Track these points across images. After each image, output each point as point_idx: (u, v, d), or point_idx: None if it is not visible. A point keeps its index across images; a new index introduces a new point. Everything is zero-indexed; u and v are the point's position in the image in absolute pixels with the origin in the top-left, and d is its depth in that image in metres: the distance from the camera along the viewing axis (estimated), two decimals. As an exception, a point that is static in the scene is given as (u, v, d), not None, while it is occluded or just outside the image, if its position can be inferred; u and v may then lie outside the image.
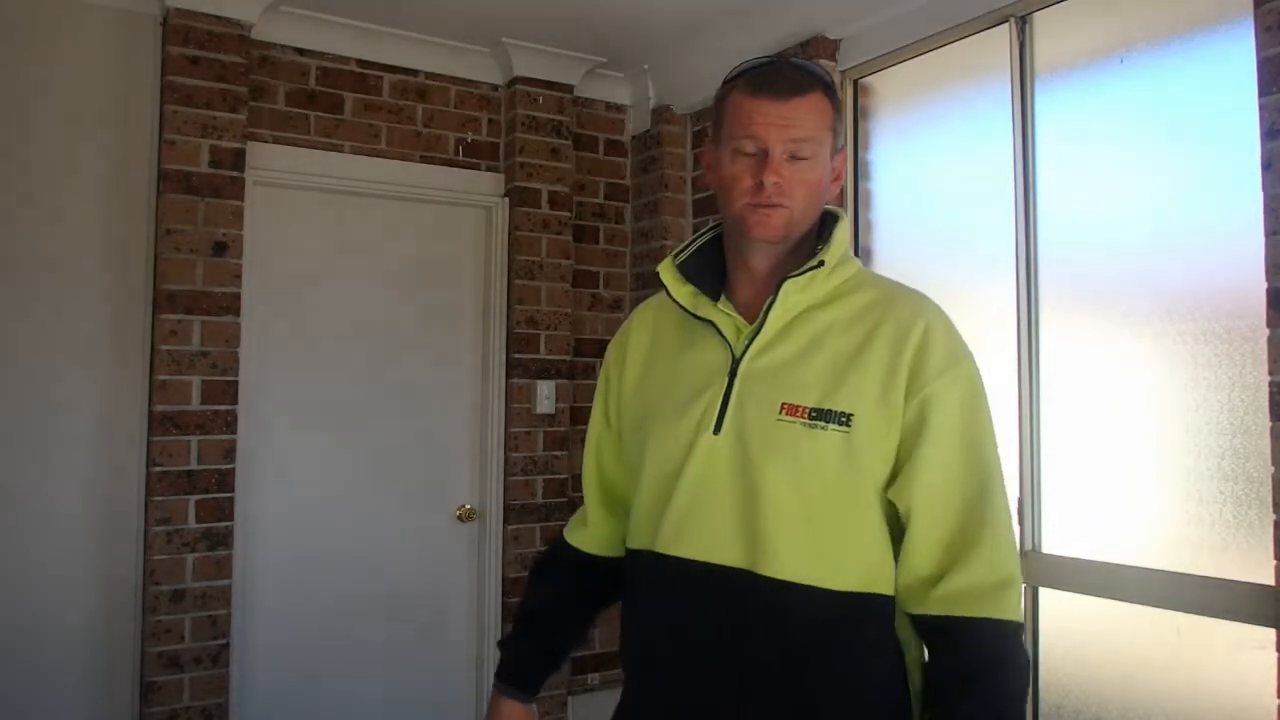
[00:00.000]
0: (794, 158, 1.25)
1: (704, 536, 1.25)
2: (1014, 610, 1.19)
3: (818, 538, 1.21)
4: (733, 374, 1.28)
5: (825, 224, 1.33)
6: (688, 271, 1.36)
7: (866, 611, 1.22)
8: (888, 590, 1.23)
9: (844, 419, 1.21)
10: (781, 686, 1.21)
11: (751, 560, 1.22)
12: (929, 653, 1.23)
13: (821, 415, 1.21)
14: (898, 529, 1.24)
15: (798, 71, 1.28)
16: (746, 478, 1.23)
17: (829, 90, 1.29)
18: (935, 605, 1.20)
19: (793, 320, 1.28)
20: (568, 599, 1.51)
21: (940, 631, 1.20)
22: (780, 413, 1.23)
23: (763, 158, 1.25)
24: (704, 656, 1.25)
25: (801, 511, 1.21)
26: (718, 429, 1.26)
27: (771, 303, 1.27)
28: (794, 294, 1.27)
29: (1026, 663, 1.20)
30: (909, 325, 1.24)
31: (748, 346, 1.28)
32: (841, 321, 1.27)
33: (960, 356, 1.25)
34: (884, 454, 1.21)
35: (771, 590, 1.21)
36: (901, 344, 1.23)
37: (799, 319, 1.28)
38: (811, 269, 1.27)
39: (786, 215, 1.26)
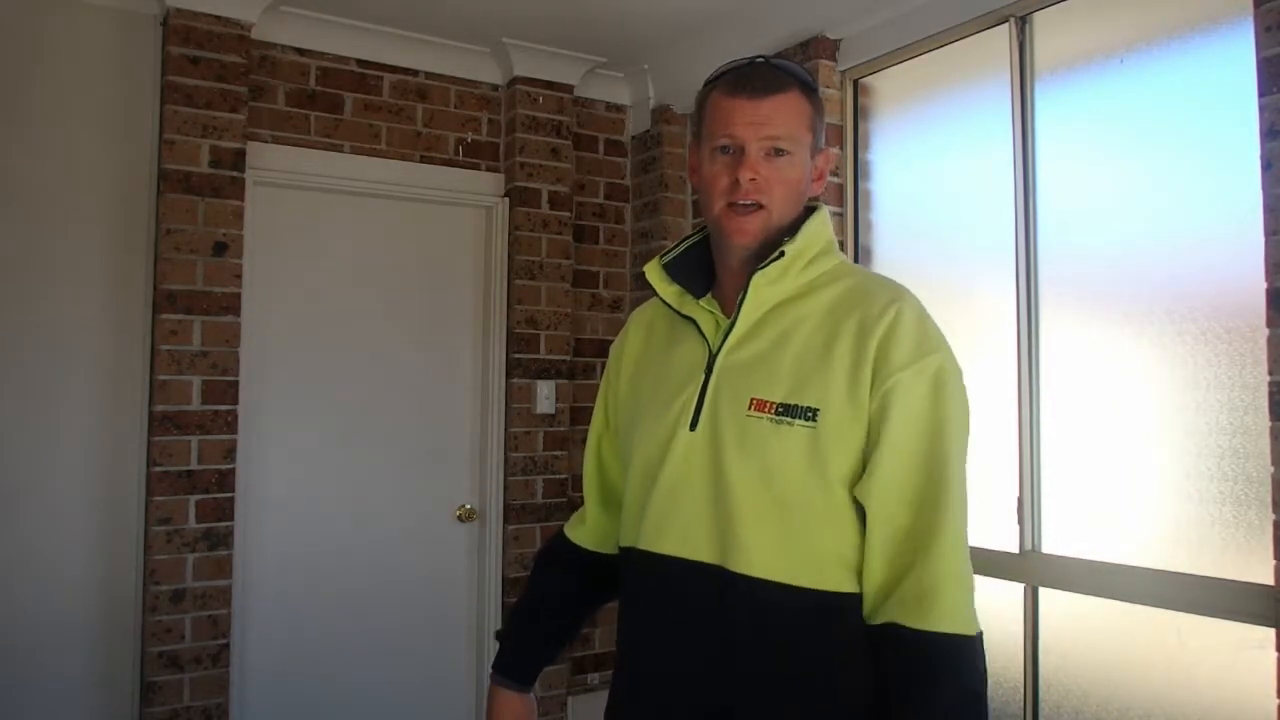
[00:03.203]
0: (771, 155, 1.25)
1: (681, 533, 1.26)
2: (963, 620, 1.16)
3: (788, 534, 1.21)
4: (709, 370, 1.29)
5: (803, 218, 1.33)
6: (675, 271, 1.37)
7: (843, 610, 1.21)
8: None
9: (810, 414, 1.20)
10: (760, 683, 1.21)
11: (723, 556, 1.23)
12: (880, 660, 1.20)
13: (788, 410, 1.21)
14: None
15: (774, 71, 1.29)
16: (718, 474, 1.24)
17: (807, 89, 1.29)
18: (885, 614, 1.18)
19: (767, 314, 1.28)
20: (566, 593, 1.52)
21: (891, 639, 1.17)
22: (750, 408, 1.23)
23: (739, 156, 1.25)
24: (685, 652, 1.25)
25: (771, 508, 1.21)
26: (694, 425, 1.27)
27: (743, 297, 1.28)
28: (764, 287, 1.27)
29: (982, 673, 1.17)
30: (878, 316, 1.22)
31: (723, 342, 1.29)
32: (815, 315, 1.27)
33: (930, 347, 1.22)
34: (851, 450, 1.20)
35: (743, 586, 1.21)
36: (868, 336, 1.21)
37: (773, 312, 1.28)
38: (775, 260, 1.26)
39: (764, 217, 1.26)
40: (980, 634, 1.18)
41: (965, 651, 1.16)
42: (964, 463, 1.22)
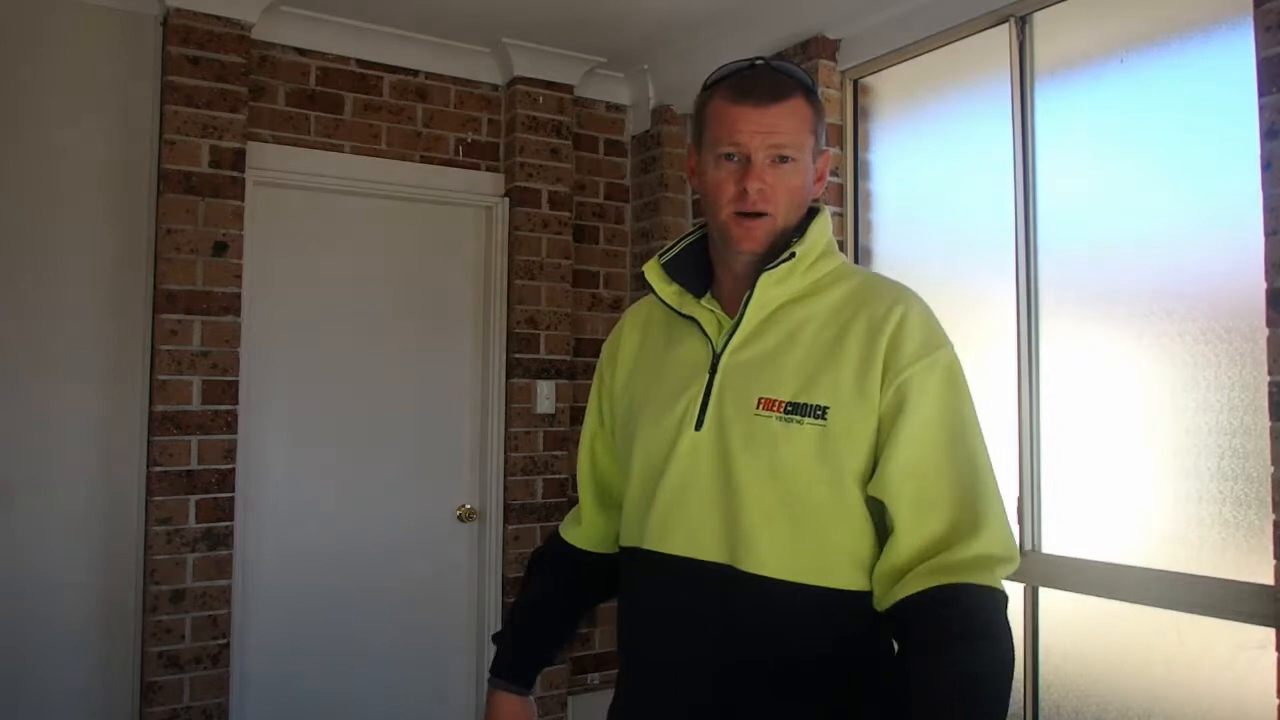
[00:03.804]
0: (776, 162, 1.25)
1: (688, 532, 1.26)
2: (1001, 583, 1.17)
3: (799, 533, 1.20)
4: (714, 369, 1.29)
5: (807, 219, 1.33)
6: (673, 270, 1.37)
7: (854, 609, 1.21)
8: None
9: (820, 412, 1.20)
10: (765, 682, 1.21)
11: (732, 555, 1.22)
12: (905, 631, 1.18)
13: (797, 409, 1.21)
14: (884, 527, 1.22)
15: (778, 76, 1.28)
16: (726, 473, 1.24)
17: (809, 93, 1.29)
18: (918, 582, 1.16)
19: (772, 314, 1.29)
20: (561, 594, 1.52)
21: (920, 606, 1.15)
22: (757, 407, 1.23)
23: (745, 164, 1.25)
24: (690, 652, 1.25)
25: (781, 507, 1.21)
26: (699, 425, 1.27)
27: (749, 297, 1.28)
28: (770, 287, 1.27)
29: (1012, 640, 1.17)
30: (885, 315, 1.23)
31: (728, 341, 1.29)
32: (820, 314, 1.27)
33: (937, 343, 1.23)
34: (862, 446, 1.20)
35: (752, 586, 1.20)
36: (877, 333, 1.22)
37: (778, 312, 1.28)
38: (784, 261, 1.27)
39: (770, 224, 1.27)
40: (1008, 597, 1.18)
41: (1005, 609, 1.16)
42: (986, 448, 1.23)
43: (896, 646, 1.21)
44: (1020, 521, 2.49)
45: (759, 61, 1.31)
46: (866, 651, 1.23)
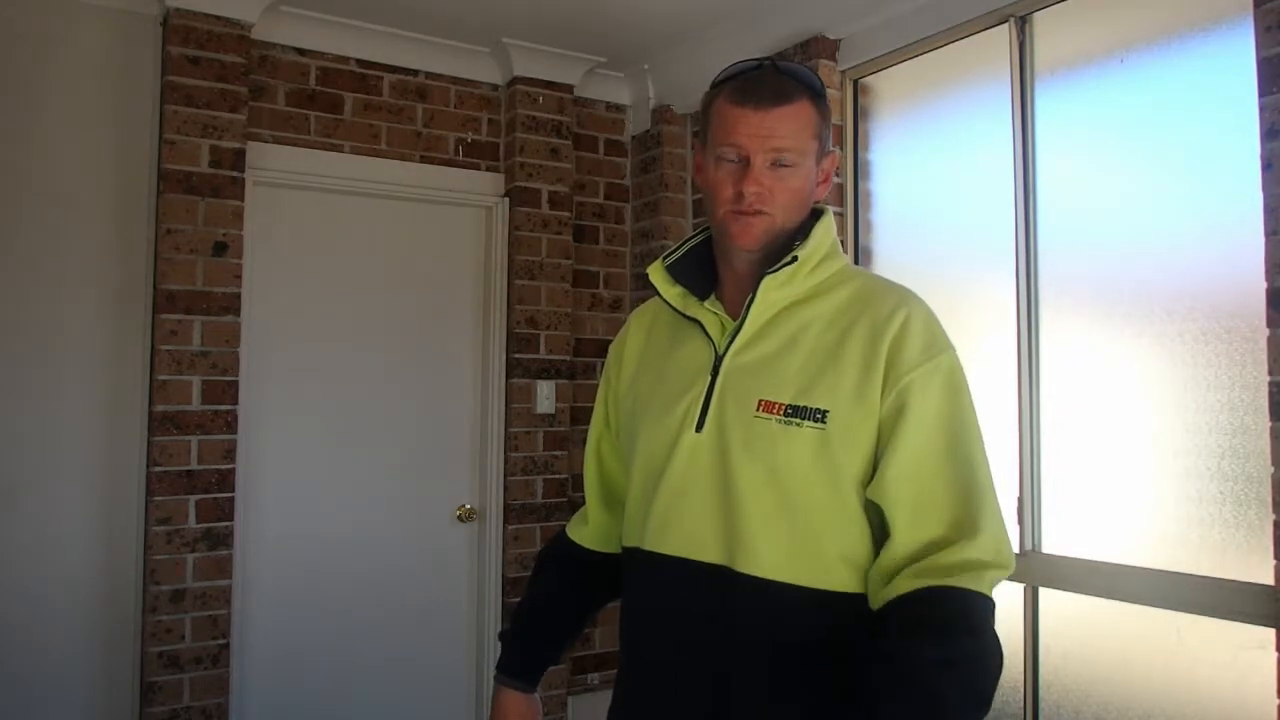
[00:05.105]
0: (776, 165, 1.25)
1: (686, 533, 1.26)
2: (990, 590, 1.17)
3: (796, 535, 1.21)
4: (715, 371, 1.29)
5: (811, 221, 1.33)
6: (678, 272, 1.37)
7: (851, 611, 1.21)
8: None
9: (819, 415, 1.21)
10: (762, 685, 1.21)
11: (730, 557, 1.23)
12: (885, 627, 1.16)
13: (797, 412, 1.21)
14: (881, 530, 1.22)
15: (783, 79, 1.28)
16: (725, 475, 1.24)
17: (815, 97, 1.29)
18: (906, 583, 1.15)
19: (774, 316, 1.29)
20: (567, 593, 1.52)
21: (905, 603, 1.14)
22: (757, 409, 1.23)
23: (744, 166, 1.26)
24: (687, 653, 1.26)
25: (778, 509, 1.21)
26: (700, 426, 1.27)
27: (751, 299, 1.28)
28: (773, 290, 1.28)
29: (997, 644, 1.16)
30: (887, 319, 1.23)
31: (730, 343, 1.29)
32: (823, 317, 1.27)
33: (940, 347, 1.23)
34: (862, 450, 1.20)
35: (749, 587, 1.21)
36: (879, 337, 1.22)
37: (781, 315, 1.29)
38: (786, 265, 1.27)
39: (768, 223, 1.27)
40: (994, 604, 1.17)
41: (992, 617, 1.16)
42: (986, 453, 1.23)
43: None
44: (1020, 521, 2.49)
45: (766, 62, 1.31)
46: (863, 653, 1.23)
